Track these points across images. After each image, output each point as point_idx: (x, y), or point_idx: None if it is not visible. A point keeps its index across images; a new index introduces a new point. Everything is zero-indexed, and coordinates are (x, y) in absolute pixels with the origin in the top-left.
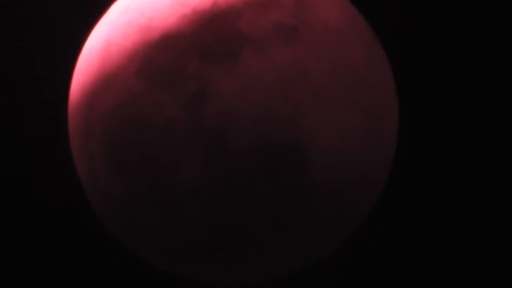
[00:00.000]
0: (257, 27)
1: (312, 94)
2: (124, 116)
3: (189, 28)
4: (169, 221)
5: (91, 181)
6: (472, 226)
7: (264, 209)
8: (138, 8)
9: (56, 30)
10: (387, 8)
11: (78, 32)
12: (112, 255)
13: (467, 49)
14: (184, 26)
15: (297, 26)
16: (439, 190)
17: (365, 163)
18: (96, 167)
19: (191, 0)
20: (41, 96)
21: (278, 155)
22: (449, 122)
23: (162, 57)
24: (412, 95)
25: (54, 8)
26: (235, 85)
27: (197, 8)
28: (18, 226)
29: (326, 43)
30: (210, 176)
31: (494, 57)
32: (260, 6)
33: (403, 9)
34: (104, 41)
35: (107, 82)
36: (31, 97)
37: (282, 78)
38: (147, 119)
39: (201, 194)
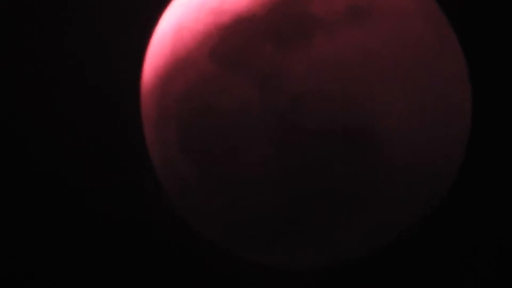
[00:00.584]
0: (329, 9)
1: (383, 75)
2: (197, 99)
3: (261, 10)
4: (241, 205)
5: (164, 165)
6: None
7: (335, 192)
8: None
9: (129, 13)
10: None
11: (151, 15)
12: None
13: None
14: (256, 9)
15: (368, 7)
16: None
17: (437, 145)
18: (170, 152)
19: None
20: (114, 81)
21: (350, 137)
22: None
23: (234, 39)
24: (484, 77)
25: None
26: (306, 67)
27: None
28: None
29: (397, 24)
30: (281, 159)
31: None
32: None
33: None
34: (176, 24)
35: (180, 65)
36: (104, 82)
37: (353, 59)
38: (219, 102)
39: (272, 177)
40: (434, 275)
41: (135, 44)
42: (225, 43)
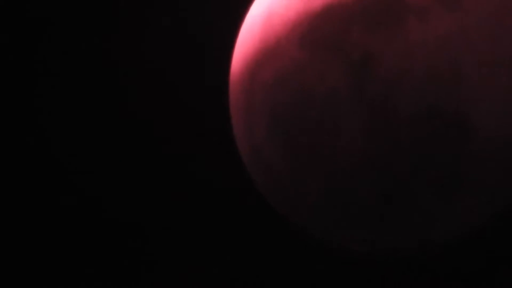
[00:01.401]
0: None
1: (475, 60)
2: (287, 86)
3: None
4: (332, 191)
5: (252, 152)
6: None
7: (428, 176)
8: None
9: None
10: None
11: (241, 3)
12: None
13: None
14: None
15: None
16: None
17: None
18: (258, 139)
19: None
20: (203, 68)
21: (443, 122)
22: None
23: (325, 26)
24: None
25: None
26: (398, 53)
27: None
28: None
29: (488, 9)
30: (374, 144)
31: None
32: None
33: None
34: (266, 12)
35: (269, 52)
36: (193, 69)
37: (445, 45)
38: (311, 88)
39: (365, 162)
40: None
41: (226, 31)
42: (315, 30)
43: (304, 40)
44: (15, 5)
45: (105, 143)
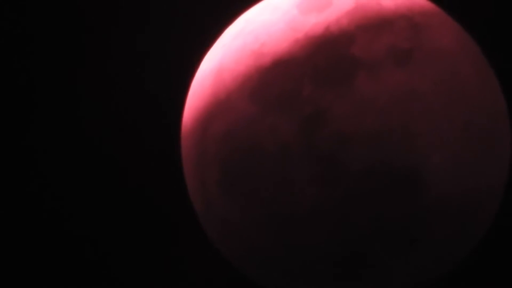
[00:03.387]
0: (370, 51)
1: (426, 116)
2: (238, 140)
3: (302, 53)
4: (287, 243)
5: (205, 207)
6: None
7: (381, 230)
8: (251, 33)
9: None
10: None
11: (192, 57)
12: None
13: None
14: (297, 51)
15: (411, 48)
16: None
17: (480, 183)
18: (211, 192)
19: (303, 25)
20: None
21: (394, 176)
22: None
23: (275, 81)
24: None
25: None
26: (349, 108)
27: (310, 33)
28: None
29: (439, 65)
30: (326, 199)
31: None
32: (372, 30)
33: None
34: (217, 66)
35: (220, 106)
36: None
37: (396, 100)
38: (261, 143)
39: (318, 216)
40: None
41: (176, 85)
42: (265, 85)
43: (254, 95)
44: None
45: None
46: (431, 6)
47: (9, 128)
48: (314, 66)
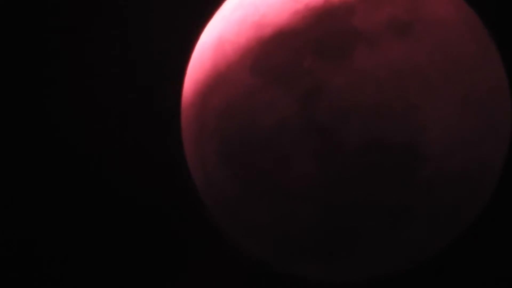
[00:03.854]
0: (370, 23)
1: (425, 89)
2: (238, 112)
3: (302, 24)
4: (282, 218)
5: (205, 178)
6: None
7: (378, 206)
8: (251, 4)
9: (170, 27)
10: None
11: (192, 29)
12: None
13: None
14: (297, 23)
15: (411, 20)
16: None
17: (479, 157)
18: (210, 165)
19: None
20: (155, 94)
21: (392, 151)
22: None
23: (276, 53)
24: None
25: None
26: (348, 81)
27: (310, 4)
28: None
29: (439, 37)
30: (323, 173)
31: None
32: (373, 1)
33: None
34: (217, 38)
35: (221, 79)
36: (145, 96)
37: (395, 73)
38: (261, 115)
39: (315, 191)
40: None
41: (176, 57)
42: (266, 57)
43: (255, 66)
44: None
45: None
46: None
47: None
48: (314, 38)
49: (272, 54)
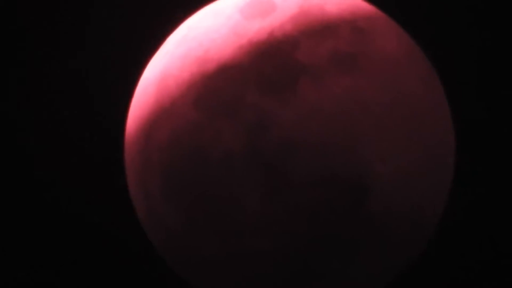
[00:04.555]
0: (314, 56)
1: (371, 123)
2: (182, 147)
3: (246, 59)
4: (230, 253)
5: (148, 214)
6: None
7: (325, 240)
8: (195, 39)
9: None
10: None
11: (135, 65)
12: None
13: None
14: (241, 57)
15: (355, 55)
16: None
17: (424, 191)
18: (154, 200)
19: (247, 31)
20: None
21: (339, 185)
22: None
23: (219, 87)
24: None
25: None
26: (293, 115)
27: (253, 39)
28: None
29: (385, 72)
30: (270, 207)
31: None
32: (316, 35)
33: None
34: (161, 73)
35: (164, 114)
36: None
37: (340, 107)
38: (206, 150)
39: (262, 225)
40: None
41: (120, 92)
42: (210, 92)
43: (199, 101)
44: None
45: None
46: (374, 10)
47: None
48: (258, 72)
49: (216, 89)
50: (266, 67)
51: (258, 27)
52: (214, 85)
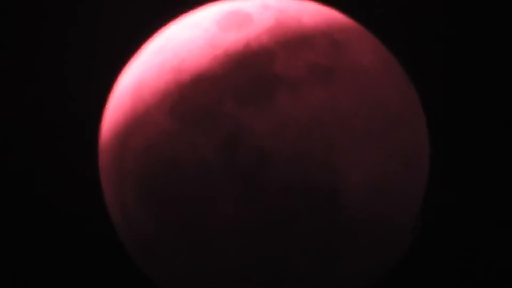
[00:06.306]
0: (291, 68)
1: (346, 134)
2: (157, 156)
3: (221, 69)
4: (203, 261)
5: (123, 221)
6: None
7: (299, 248)
8: (170, 50)
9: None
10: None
11: (110, 73)
12: None
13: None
14: (216, 68)
15: (332, 67)
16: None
17: (399, 200)
18: (129, 207)
19: (223, 42)
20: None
21: (313, 194)
22: (483, 163)
23: (195, 97)
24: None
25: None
26: (269, 125)
27: (229, 50)
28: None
29: (361, 84)
30: (244, 217)
31: None
32: (293, 47)
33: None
34: (136, 81)
35: (139, 122)
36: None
37: (316, 118)
38: (181, 159)
39: (236, 234)
40: None
41: (94, 101)
42: (185, 101)
43: (174, 110)
44: None
45: None
46: (350, 22)
47: None
48: (234, 83)
49: (191, 98)
50: (242, 78)
51: (234, 39)
52: (189, 95)
